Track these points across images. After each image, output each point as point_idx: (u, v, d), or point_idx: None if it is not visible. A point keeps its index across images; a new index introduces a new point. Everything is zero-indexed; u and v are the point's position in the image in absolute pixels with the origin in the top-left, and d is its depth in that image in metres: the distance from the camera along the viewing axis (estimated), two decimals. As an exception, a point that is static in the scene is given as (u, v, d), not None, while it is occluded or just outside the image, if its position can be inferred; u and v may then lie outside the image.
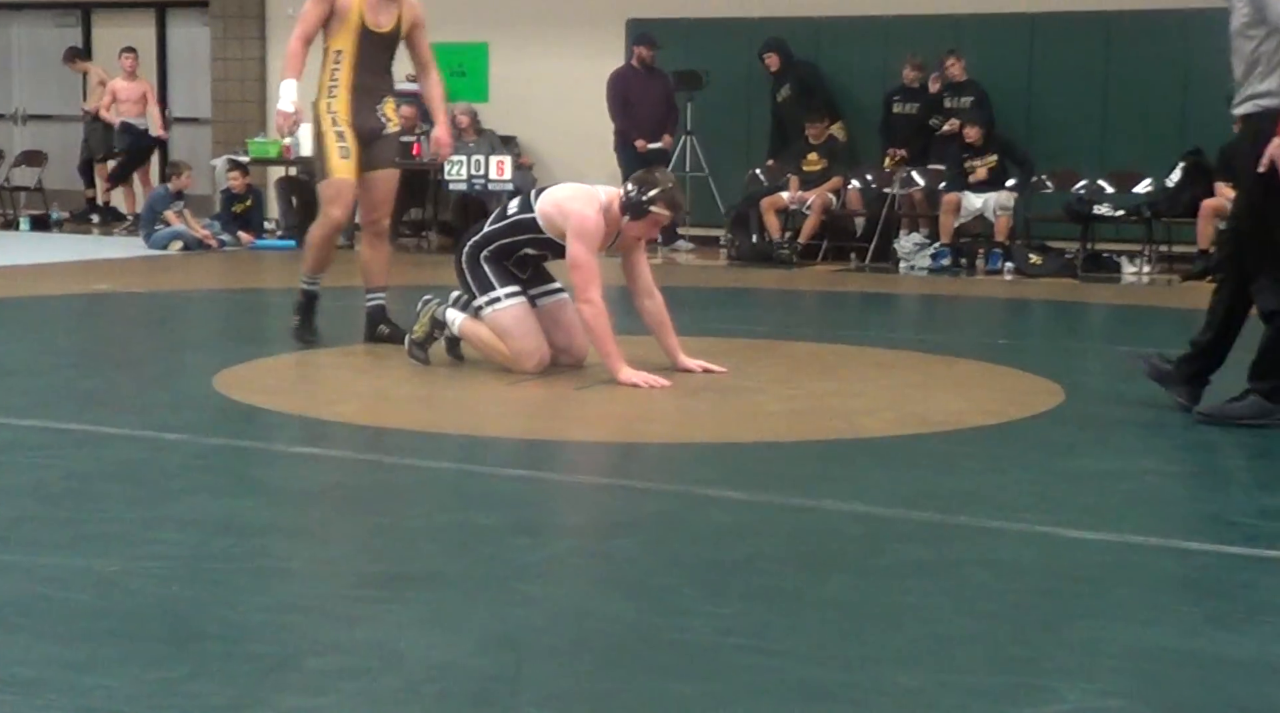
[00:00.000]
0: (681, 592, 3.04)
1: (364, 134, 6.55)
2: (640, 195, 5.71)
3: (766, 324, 8.32)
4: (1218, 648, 2.74)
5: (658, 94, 12.70)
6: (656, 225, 5.83)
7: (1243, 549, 3.43)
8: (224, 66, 15.51)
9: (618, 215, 5.76)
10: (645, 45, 12.74)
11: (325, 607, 2.90)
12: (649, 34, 12.82)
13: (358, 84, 6.54)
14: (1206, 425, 4.93)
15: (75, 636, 2.70)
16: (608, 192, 5.86)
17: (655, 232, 5.91)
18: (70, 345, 7.12)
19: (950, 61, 12.14)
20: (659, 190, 5.71)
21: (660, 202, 5.71)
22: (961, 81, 12.17)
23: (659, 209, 5.72)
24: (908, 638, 2.77)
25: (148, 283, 9.80)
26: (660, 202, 5.71)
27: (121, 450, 4.41)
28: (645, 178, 5.78)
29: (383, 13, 6.54)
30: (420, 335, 6.06)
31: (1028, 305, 9.63)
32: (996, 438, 4.83)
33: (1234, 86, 5.18)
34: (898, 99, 12.49)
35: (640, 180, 5.77)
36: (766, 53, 12.66)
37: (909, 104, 12.45)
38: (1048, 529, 3.56)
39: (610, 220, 5.77)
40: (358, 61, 6.53)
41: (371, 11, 6.52)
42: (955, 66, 12.16)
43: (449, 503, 3.90)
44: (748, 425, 5.04)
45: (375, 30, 6.52)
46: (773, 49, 12.64)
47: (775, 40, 12.69)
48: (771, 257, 11.94)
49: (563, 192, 5.90)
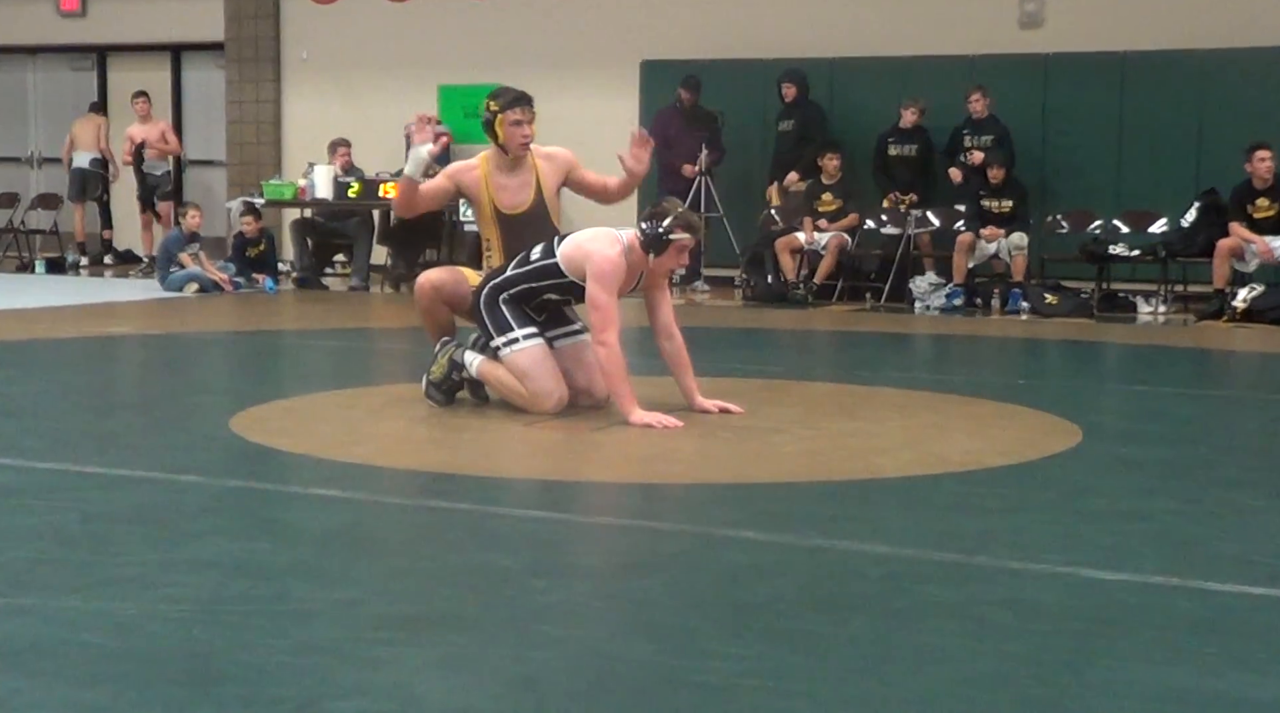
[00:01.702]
0: (701, 633, 3.03)
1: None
2: (656, 229, 5.72)
3: (783, 364, 8.31)
4: (1240, 690, 2.72)
5: (698, 136, 12.79)
6: (683, 251, 5.83)
7: (1264, 589, 3.41)
8: (239, 109, 15.62)
9: (641, 255, 5.78)
10: (687, 88, 12.87)
11: (345, 649, 2.89)
12: (694, 77, 12.93)
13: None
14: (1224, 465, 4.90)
15: (94, 679, 2.70)
16: (629, 233, 5.87)
17: (684, 258, 5.89)
18: (86, 387, 7.13)
19: (975, 97, 12.10)
20: (672, 218, 5.73)
21: (677, 227, 5.73)
22: (983, 119, 12.17)
23: (678, 235, 5.74)
24: (929, 680, 2.76)
25: (164, 325, 9.83)
26: (677, 227, 5.73)
27: (138, 493, 4.41)
28: (655, 211, 5.80)
29: (515, 190, 6.15)
30: (438, 376, 6.06)
31: (1043, 345, 9.62)
32: (1015, 478, 4.82)
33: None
34: (893, 141, 12.49)
35: (650, 215, 5.78)
36: (786, 82, 12.72)
37: (906, 146, 12.45)
38: (1068, 570, 3.54)
39: (634, 261, 5.78)
40: (506, 249, 6.11)
41: (502, 192, 6.15)
42: (979, 103, 12.12)
43: (467, 544, 3.89)
44: (765, 466, 5.03)
45: (512, 214, 6.17)
46: (793, 81, 12.72)
47: (798, 73, 12.76)
48: (787, 297, 11.96)
49: (584, 234, 5.91)
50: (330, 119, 14.78)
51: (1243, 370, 8.81)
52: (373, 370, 7.98)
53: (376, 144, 14.19)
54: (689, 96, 12.90)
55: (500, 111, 6.20)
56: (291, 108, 15.59)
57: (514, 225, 6.19)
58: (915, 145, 12.41)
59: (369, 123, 14.52)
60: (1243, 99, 11.88)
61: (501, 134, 6.21)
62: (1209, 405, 7.06)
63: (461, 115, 14.29)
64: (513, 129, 6.19)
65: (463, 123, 14.15)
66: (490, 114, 6.24)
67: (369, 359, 8.63)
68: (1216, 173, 11.52)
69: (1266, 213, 10.95)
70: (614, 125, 13.51)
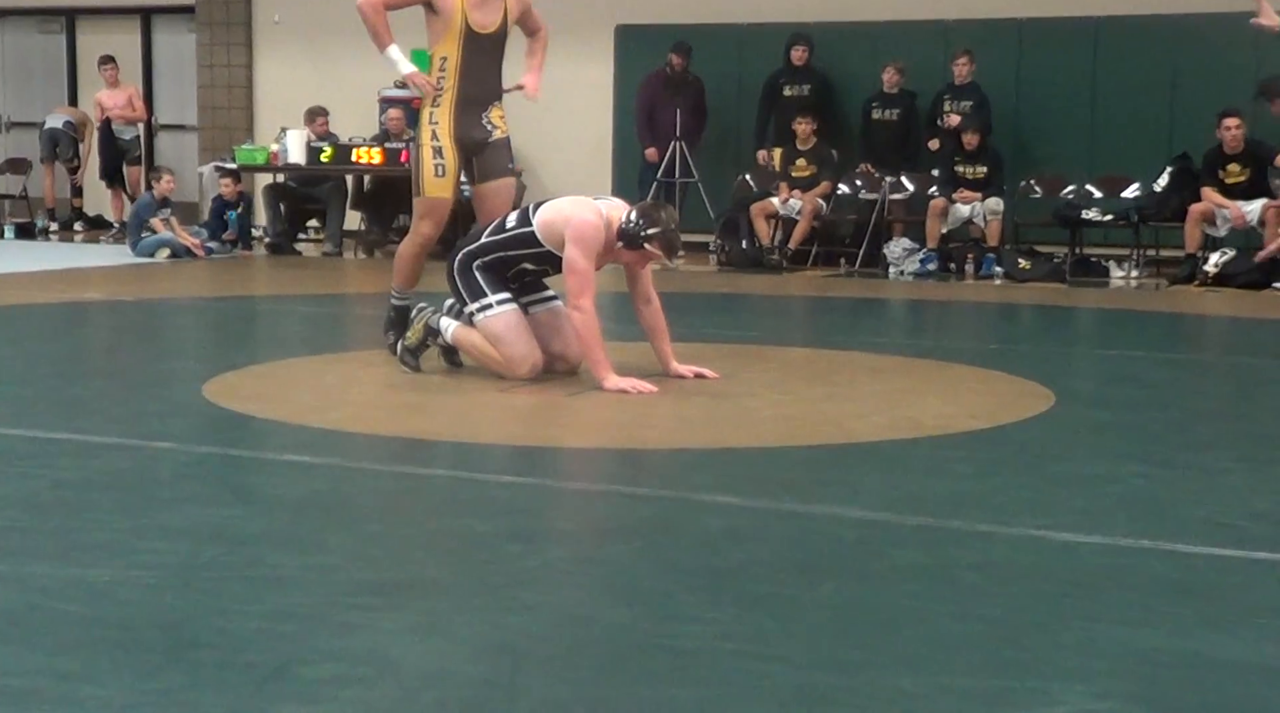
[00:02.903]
0: (677, 597, 3.04)
1: (470, 146, 6.27)
2: (639, 228, 5.69)
3: (757, 330, 8.32)
4: (1210, 649, 2.74)
5: (685, 103, 12.71)
6: (647, 260, 5.81)
7: (1234, 551, 3.44)
8: (210, 73, 15.51)
9: (614, 236, 5.75)
10: (679, 53, 12.76)
11: (320, 615, 2.89)
12: (685, 42, 12.83)
13: (464, 95, 6.21)
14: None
15: (68, 646, 2.69)
16: (609, 205, 5.84)
17: (644, 264, 5.86)
18: (57, 354, 7.10)
19: (962, 60, 12.08)
20: (658, 230, 5.69)
21: (656, 241, 5.69)
22: (965, 84, 12.15)
23: (653, 248, 5.71)
24: (903, 642, 2.77)
25: (135, 291, 9.78)
26: (656, 241, 5.69)
27: (111, 459, 4.39)
28: (649, 212, 5.75)
29: (489, 8, 6.18)
30: (413, 342, 6.05)
31: (1017, 310, 9.65)
32: (988, 442, 4.84)
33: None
34: (876, 105, 12.47)
35: (644, 212, 5.74)
36: (797, 45, 12.56)
37: (888, 110, 12.43)
38: (1041, 533, 3.56)
39: (609, 237, 5.76)
40: (464, 69, 6.18)
41: (476, 9, 6.16)
42: (964, 67, 12.10)
43: (442, 510, 3.89)
44: (741, 431, 5.04)
45: (481, 32, 6.18)
46: (804, 43, 12.58)
47: (806, 36, 12.63)
48: (762, 262, 11.96)
49: (563, 201, 5.90)
50: (302, 83, 14.70)
51: (1214, 335, 8.86)
52: (346, 336, 7.96)
53: (349, 109, 14.11)
54: (680, 61, 12.78)
55: None
56: (264, 72, 15.49)
57: (477, 46, 6.17)
58: (898, 110, 12.39)
59: (341, 87, 14.43)
60: (1216, 64, 11.90)
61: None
62: (1180, 370, 7.09)
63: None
64: None
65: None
66: None
67: (342, 325, 8.61)
68: (1189, 138, 11.55)
69: (1238, 178, 10.99)
70: (588, 91, 13.51)
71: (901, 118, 12.39)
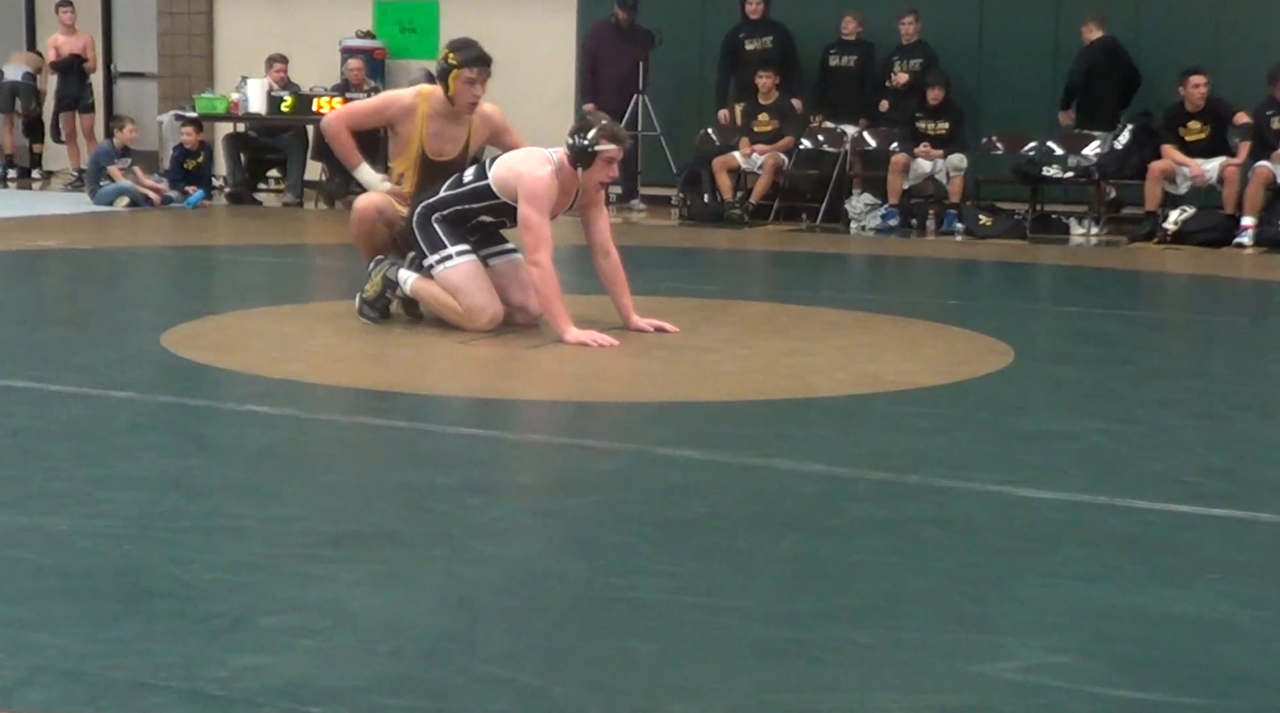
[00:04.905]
0: (635, 550, 3.05)
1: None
2: (582, 141, 5.71)
3: (718, 284, 8.32)
4: (1164, 604, 2.77)
5: (630, 56, 12.61)
6: (611, 163, 5.80)
7: (1188, 507, 3.47)
8: (170, 20, 15.33)
9: (571, 172, 5.76)
10: (624, 8, 12.58)
11: (277, 566, 2.89)
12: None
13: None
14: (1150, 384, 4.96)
15: (25, 595, 2.68)
16: (558, 151, 5.84)
17: (613, 170, 5.86)
18: (15, 302, 7.04)
19: (908, 19, 12.08)
20: (596, 129, 5.71)
21: (602, 139, 5.71)
22: (912, 43, 12.15)
23: (604, 146, 5.72)
24: (860, 596, 2.79)
25: (93, 240, 9.70)
26: (602, 139, 5.71)
27: (68, 408, 4.37)
28: (580, 125, 5.80)
29: (447, 139, 6.21)
30: (371, 294, 6.03)
31: (977, 266, 9.67)
32: (947, 398, 4.86)
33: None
34: (834, 52, 12.43)
35: (576, 129, 5.77)
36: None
37: (846, 57, 12.39)
38: (998, 488, 3.59)
39: (565, 178, 5.76)
40: (419, 188, 6.14)
41: (435, 139, 6.19)
42: (910, 26, 12.10)
43: (401, 462, 3.89)
44: (701, 385, 5.05)
45: (437, 159, 6.19)
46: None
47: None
48: (723, 217, 11.94)
49: (515, 155, 5.90)
50: (264, 31, 14.56)
51: (1173, 292, 8.91)
52: (306, 287, 7.93)
53: (311, 57, 13.97)
54: (625, 15, 12.68)
55: (458, 67, 6.14)
56: (224, 19, 15.32)
57: (433, 171, 6.16)
58: (855, 57, 12.35)
59: (304, 35, 14.31)
60: (1177, 22, 11.91)
61: (453, 88, 6.16)
62: (1139, 326, 7.14)
63: (396, 30, 14.13)
64: (465, 87, 6.16)
65: (397, 37, 14.00)
66: (447, 65, 6.19)
67: (302, 275, 8.57)
68: (1150, 96, 11.58)
69: (1198, 136, 11.03)
70: (549, 42, 13.42)
71: (859, 64, 12.35)
